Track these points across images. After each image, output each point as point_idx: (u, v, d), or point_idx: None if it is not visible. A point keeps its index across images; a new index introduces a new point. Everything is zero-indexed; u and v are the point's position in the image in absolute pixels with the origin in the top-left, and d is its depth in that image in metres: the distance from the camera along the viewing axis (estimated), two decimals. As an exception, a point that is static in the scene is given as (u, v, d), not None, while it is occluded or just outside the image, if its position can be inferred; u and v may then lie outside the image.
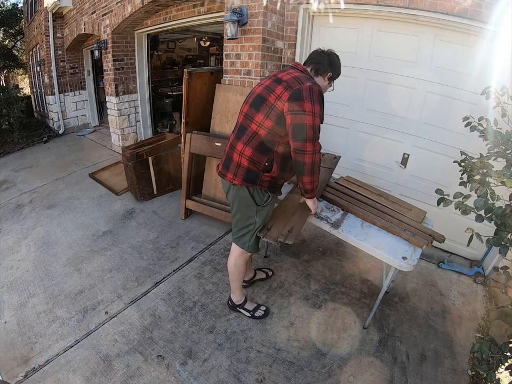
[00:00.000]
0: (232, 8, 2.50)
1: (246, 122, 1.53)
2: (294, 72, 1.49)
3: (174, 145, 3.57)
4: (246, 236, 1.67)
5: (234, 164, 1.54)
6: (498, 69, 1.98)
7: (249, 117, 1.52)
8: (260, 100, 1.49)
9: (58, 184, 4.00)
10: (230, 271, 1.84)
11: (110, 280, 2.29)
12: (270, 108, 1.44)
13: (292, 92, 1.38)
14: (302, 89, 1.38)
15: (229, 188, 1.62)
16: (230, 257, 1.82)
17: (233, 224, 1.72)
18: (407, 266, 1.51)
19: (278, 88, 1.43)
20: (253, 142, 1.49)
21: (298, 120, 1.37)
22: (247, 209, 1.60)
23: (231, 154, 1.57)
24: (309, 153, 1.41)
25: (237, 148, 1.53)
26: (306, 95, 1.37)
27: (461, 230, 1.60)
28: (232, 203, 1.65)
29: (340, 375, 1.64)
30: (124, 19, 4.03)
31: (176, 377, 1.62)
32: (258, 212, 1.60)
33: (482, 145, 1.59)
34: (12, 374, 1.66)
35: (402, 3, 2.18)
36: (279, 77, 1.49)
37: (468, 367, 1.71)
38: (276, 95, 1.42)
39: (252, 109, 1.51)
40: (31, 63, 7.71)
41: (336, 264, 2.43)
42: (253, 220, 1.62)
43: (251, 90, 1.62)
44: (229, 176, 1.56)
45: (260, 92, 1.50)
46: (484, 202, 1.19)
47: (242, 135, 1.53)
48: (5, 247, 2.74)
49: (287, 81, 1.42)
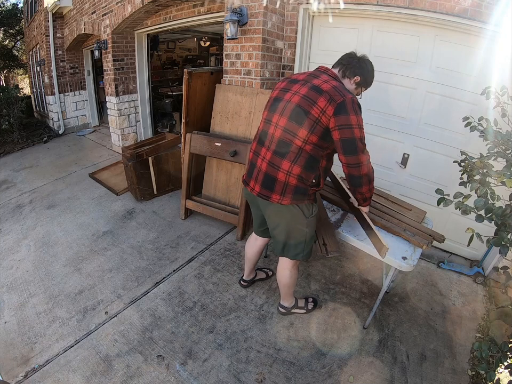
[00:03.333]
0: (232, 8, 2.50)
1: (286, 137, 1.42)
2: (330, 80, 1.40)
3: (174, 145, 3.57)
4: (297, 248, 1.63)
5: (280, 183, 1.45)
6: (498, 69, 1.98)
7: (290, 131, 1.41)
8: (301, 112, 1.38)
9: (58, 184, 4.00)
10: (285, 283, 1.80)
11: (110, 280, 2.29)
12: (314, 123, 1.35)
13: (337, 106, 1.31)
14: (345, 102, 1.32)
15: (272, 208, 1.53)
16: (282, 271, 1.76)
17: (280, 241, 1.64)
18: (407, 266, 1.51)
19: (320, 100, 1.34)
20: (300, 159, 1.41)
21: (347, 134, 1.33)
22: (297, 225, 1.55)
23: (273, 173, 1.46)
24: (363, 164, 1.39)
25: (283, 166, 1.43)
26: (350, 108, 1.32)
27: (461, 230, 1.60)
28: (278, 222, 1.58)
29: (340, 375, 1.64)
30: (124, 19, 4.03)
31: (176, 377, 1.62)
32: (308, 224, 1.56)
33: (482, 145, 1.59)
34: (12, 374, 1.66)
35: (402, 3, 2.18)
36: (315, 84, 1.39)
37: (468, 367, 1.71)
38: (319, 109, 1.34)
39: (292, 123, 1.40)
40: (31, 63, 7.71)
41: (336, 264, 2.43)
42: (304, 232, 1.58)
43: (278, 97, 1.51)
44: (275, 198, 1.47)
45: (299, 103, 1.39)
46: (484, 202, 1.19)
47: (286, 152, 1.42)
48: (5, 247, 2.74)
49: (328, 93, 1.34)
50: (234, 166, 2.79)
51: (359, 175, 1.41)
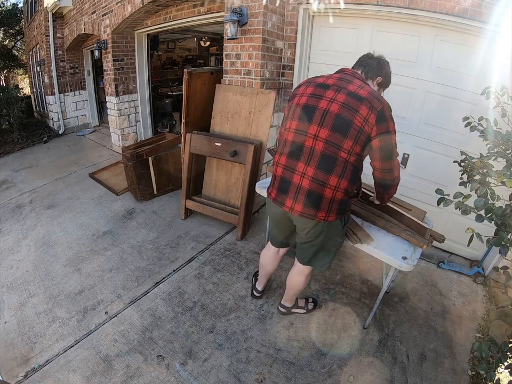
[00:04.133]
0: (232, 8, 2.50)
1: (331, 150, 1.33)
2: (365, 86, 1.35)
3: (174, 145, 3.57)
4: (326, 258, 1.61)
5: (327, 200, 1.36)
6: (498, 69, 1.98)
7: (334, 144, 1.32)
8: (344, 122, 1.30)
9: (58, 184, 4.00)
10: (296, 287, 1.79)
11: (110, 280, 2.29)
12: (358, 133, 1.30)
13: (378, 114, 1.28)
14: (384, 109, 1.29)
15: (313, 225, 1.44)
16: (297, 276, 1.74)
17: (310, 253, 1.59)
18: (407, 266, 1.51)
19: (362, 108, 1.28)
20: (347, 172, 1.34)
21: (387, 141, 1.32)
22: (335, 236, 1.53)
23: (319, 190, 1.35)
24: (396, 168, 1.40)
25: (330, 182, 1.34)
26: (388, 114, 1.31)
27: (461, 230, 1.60)
28: (317, 237, 1.50)
29: (340, 375, 1.64)
30: (124, 19, 4.03)
31: (176, 377, 1.62)
32: (342, 233, 1.57)
33: (482, 145, 1.59)
34: (12, 374, 1.66)
35: (402, 3, 2.18)
36: (352, 91, 1.32)
37: (468, 367, 1.71)
38: (362, 117, 1.28)
39: (336, 135, 1.31)
40: (31, 63, 7.71)
41: (336, 264, 2.43)
42: (337, 242, 1.57)
43: (309, 104, 1.39)
44: (320, 216, 1.38)
45: (340, 112, 1.31)
46: (484, 202, 1.19)
47: (332, 166, 1.33)
48: (5, 247, 2.74)
49: (368, 100, 1.29)
50: (234, 166, 2.79)
51: (392, 179, 1.43)
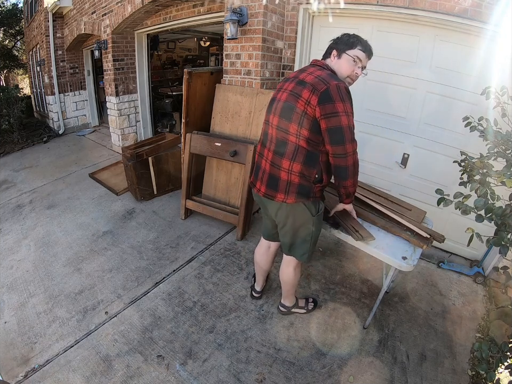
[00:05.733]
0: (232, 8, 2.50)
1: (281, 135, 1.44)
2: (315, 71, 1.39)
3: (174, 145, 3.57)
4: (303, 247, 1.63)
5: (283, 182, 1.45)
6: (498, 69, 1.98)
7: (283, 129, 1.43)
8: (288, 108, 1.39)
9: (58, 184, 4.00)
10: (287, 281, 1.80)
11: (110, 280, 2.29)
12: (301, 116, 1.35)
13: (320, 95, 1.29)
14: (329, 89, 1.29)
15: (278, 207, 1.52)
16: (286, 268, 1.76)
17: (287, 240, 1.64)
18: (407, 266, 1.51)
19: (304, 92, 1.34)
20: (298, 156, 1.40)
21: (334, 123, 1.31)
22: (304, 223, 1.55)
23: (275, 173, 1.47)
24: (350, 155, 1.36)
25: (283, 165, 1.44)
26: (335, 94, 1.29)
27: (461, 230, 1.60)
28: (285, 221, 1.56)
29: (340, 375, 1.64)
30: (124, 19, 4.03)
31: (176, 377, 1.62)
32: (314, 222, 1.56)
33: (482, 145, 1.59)
34: (12, 374, 1.66)
35: (402, 3, 2.18)
36: (301, 78, 1.40)
37: (468, 367, 1.71)
38: (304, 101, 1.33)
39: (282, 120, 1.42)
40: (31, 63, 7.71)
41: (336, 264, 2.43)
42: (310, 230, 1.57)
43: (273, 97, 1.53)
44: (279, 197, 1.47)
45: (286, 99, 1.41)
46: (484, 202, 1.19)
47: (284, 150, 1.43)
48: (5, 247, 2.74)
49: (311, 83, 1.33)
50: (234, 166, 2.79)
51: (345, 165, 1.38)
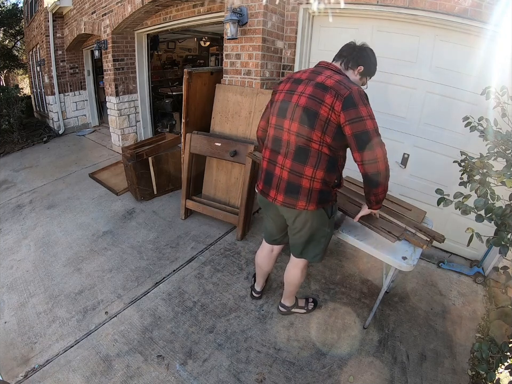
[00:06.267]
0: (232, 8, 2.50)
1: (302, 142, 1.38)
2: (333, 75, 1.35)
3: (174, 145, 3.57)
4: (317, 249, 1.62)
5: (305, 190, 1.41)
6: (498, 69, 1.98)
7: (304, 136, 1.36)
8: (310, 114, 1.33)
9: (58, 184, 4.00)
10: (293, 282, 1.79)
11: (110, 280, 2.29)
12: (325, 123, 1.31)
13: (344, 100, 1.26)
14: (352, 94, 1.27)
15: (297, 215, 1.48)
16: (293, 270, 1.75)
17: (300, 243, 1.62)
18: (407, 266, 1.51)
19: (327, 97, 1.29)
20: (322, 163, 1.37)
21: (360, 127, 1.27)
22: (321, 226, 1.54)
23: (296, 180, 1.42)
24: (380, 160, 1.30)
25: (306, 173, 1.39)
26: (358, 99, 1.27)
27: (461, 230, 1.60)
28: (302, 227, 1.53)
29: (340, 375, 1.64)
30: (124, 19, 4.03)
31: (176, 377, 1.62)
32: (330, 223, 1.56)
33: (482, 145, 1.59)
34: (12, 374, 1.66)
35: (402, 3, 2.18)
36: (320, 81, 1.34)
37: (468, 367, 1.71)
38: (327, 106, 1.29)
39: (303, 127, 1.35)
40: (31, 63, 7.71)
41: (336, 264, 2.43)
42: (325, 232, 1.58)
43: (285, 100, 1.44)
44: (300, 205, 1.43)
45: (307, 104, 1.34)
46: (484, 202, 1.19)
47: (306, 157, 1.38)
48: (5, 247, 2.74)
49: (333, 88, 1.29)
50: (234, 166, 2.79)
51: (377, 171, 1.32)
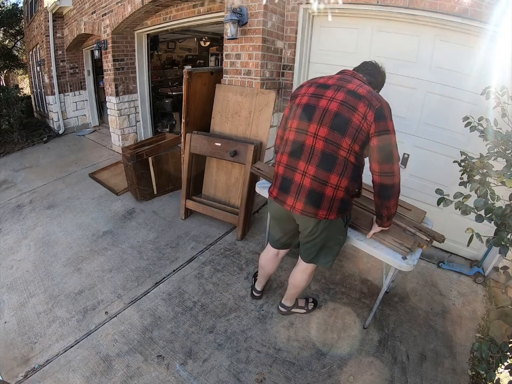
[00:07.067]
0: (232, 8, 2.50)
1: (330, 148, 1.34)
2: (363, 85, 1.36)
3: (174, 145, 3.57)
4: (329, 255, 1.61)
5: (328, 198, 1.37)
6: (498, 69, 1.98)
7: (333, 142, 1.33)
8: (342, 121, 1.31)
9: (58, 184, 4.00)
10: (299, 285, 1.78)
11: (110, 280, 2.29)
12: (356, 131, 1.29)
13: (376, 111, 1.27)
14: (383, 107, 1.29)
15: (316, 223, 1.45)
16: (300, 274, 1.73)
17: (313, 250, 1.60)
18: (407, 266, 1.51)
19: (360, 105, 1.29)
20: (347, 171, 1.35)
21: (386, 141, 1.29)
22: (337, 234, 1.54)
23: (319, 188, 1.37)
24: (396, 173, 1.33)
25: (331, 181, 1.35)
26: (388, 112, 1.30)
27: (461, 230, 1.60)
28: (319, 235, 1.50)
29: (340, 375, 1.64)
30: (124, 19, 4.03)
31: (176, 377, 1.62)
32: (344, 232, 1.57)
33: (482, 145, 1.59)
34: (12, 374, 1.66)
35: (402, 3, 2.18)
36: (351, 89, 1.33)
37: (468, 367, 1.71)
38: (360, 115, 1.28)
39: (334, 133, 1.32)
40: (31, 63, 7.71)
41: (336, 264, 2.43)
42: (339, 240, 1.58)
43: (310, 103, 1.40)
44: (321, 214, 1.39)
45: (339, 110, 1.32)
46: (484, 202, 1.19)
47: (332, 165, 1.34)
48: (5, 247, 2.74)
49: (366, 97, 1.29)
50: (234, 166, 2.79)
51: (392, 183, 1.34)
